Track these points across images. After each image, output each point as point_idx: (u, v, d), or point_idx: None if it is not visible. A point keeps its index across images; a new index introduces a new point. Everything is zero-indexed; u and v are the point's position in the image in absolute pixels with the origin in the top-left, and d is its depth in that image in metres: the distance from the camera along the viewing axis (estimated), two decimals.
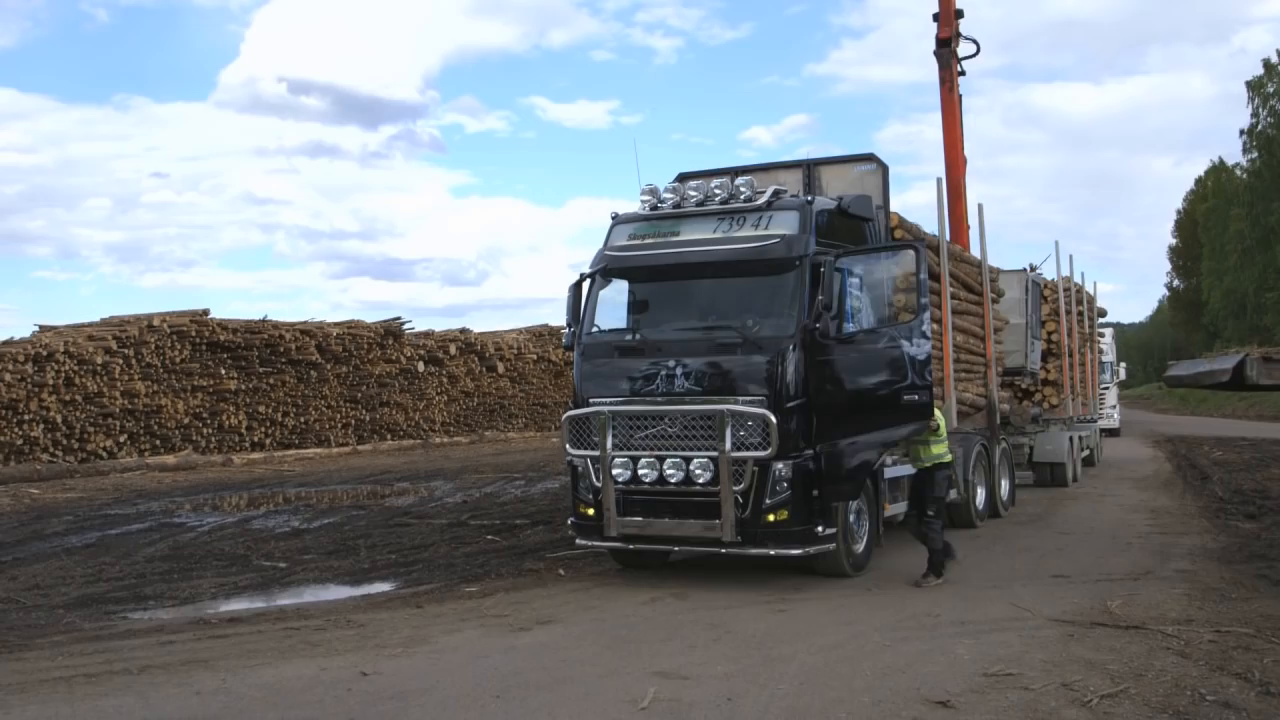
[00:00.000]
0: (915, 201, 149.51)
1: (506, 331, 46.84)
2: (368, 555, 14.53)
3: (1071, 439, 23.14)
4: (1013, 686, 7.77)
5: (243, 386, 33.01)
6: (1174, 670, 8.06)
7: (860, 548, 12.45)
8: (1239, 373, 10.54)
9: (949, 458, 12.49)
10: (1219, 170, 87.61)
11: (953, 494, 15.37)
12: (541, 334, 46.95)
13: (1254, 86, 72.26)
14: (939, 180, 15.89)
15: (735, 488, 11.36)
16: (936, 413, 12.07)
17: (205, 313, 32.46)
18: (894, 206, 14.28)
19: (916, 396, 11.70)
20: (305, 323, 36.33)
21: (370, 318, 39.77)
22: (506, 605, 11.14)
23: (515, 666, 8.67)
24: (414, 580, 12.77)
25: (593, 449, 12.06)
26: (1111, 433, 38.02)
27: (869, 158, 14.21)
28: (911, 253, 12.03)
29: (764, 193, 12.37)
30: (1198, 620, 9.61)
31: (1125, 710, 7.14)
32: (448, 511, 19.27)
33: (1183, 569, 12.30)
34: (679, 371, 11.85)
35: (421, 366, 40.17)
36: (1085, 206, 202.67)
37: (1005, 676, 8.00)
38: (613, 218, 13.13)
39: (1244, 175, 78.29)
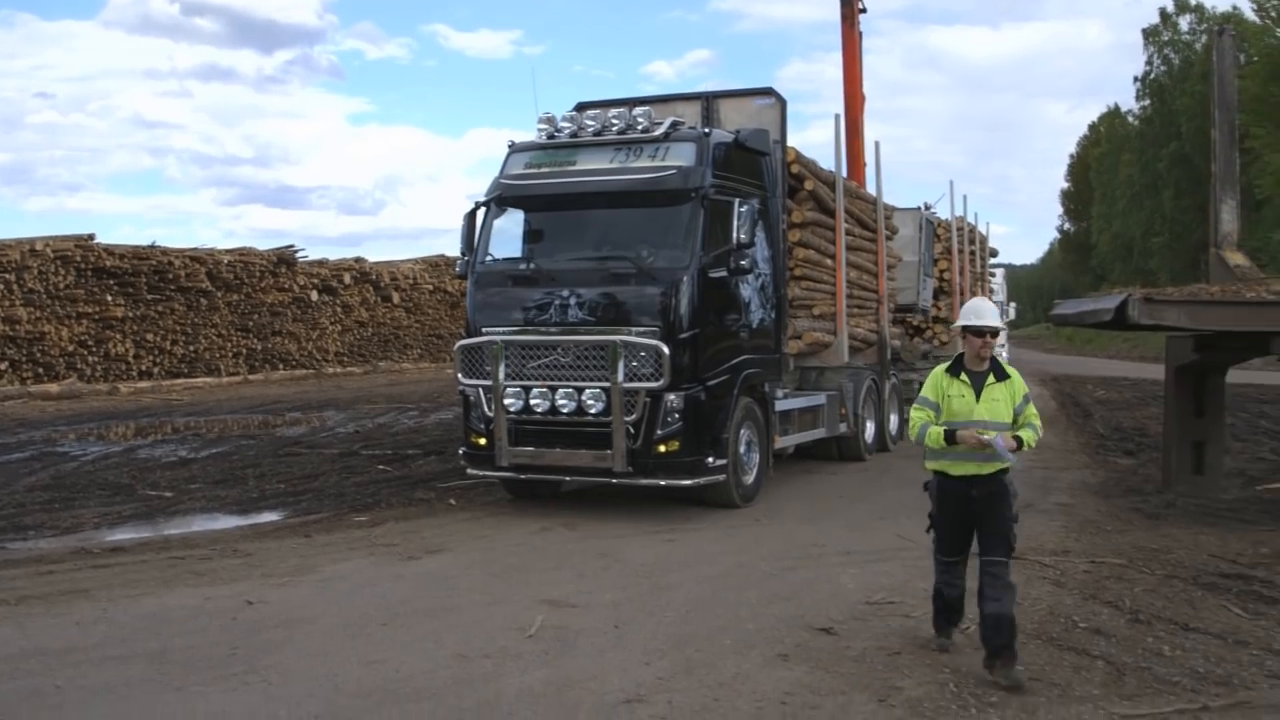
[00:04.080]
0: (815, 139, 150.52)
1: (402, 261, 46.26)
2: (256, 485, 14.34)
3: None
4: (894, 614, 7.94)
5: (130, 314, 32.19)
6: (1049, 599, 8.29)
7: (750, 479, 12.58)
8: (1121, 312, 10.72)
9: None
10: (1112, 116, 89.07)
11: (842, 428, 15.61)
12: (438, 264, 46.43)
13: (1150, 34, 73.66)
14: (837, 117, 15.94)
15: (627, 418, 11.39)
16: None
17: (90, 237, 31.53)
18: (796, 144, 14.36)
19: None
20: (195, 250, 35.51)
21: (263, 246, 39.05)
22: (396, 534, 11.09)
23: (403, 594, 8.64)
24: (303, 510, 12.64)
25: (485, 379, 12.01)
26: None
27: (767, 92, 14.19)
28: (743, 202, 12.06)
29: (661, 124, 12.33)
30: (1074, 551, 9.88)
31: None
32: (339, 441, 19.08)
33: (1062, 503, 12.63)
34: (572, 302, 11.82)
35: (315, 296, 39.57)
36: (981, 149, 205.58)
37: (887, 604, 8.18)
38: (509, 146, 12.99)
39: (1136, 122, 79.84)
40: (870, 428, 17.09)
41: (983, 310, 6.96)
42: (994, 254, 30.94)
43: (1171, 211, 68.96)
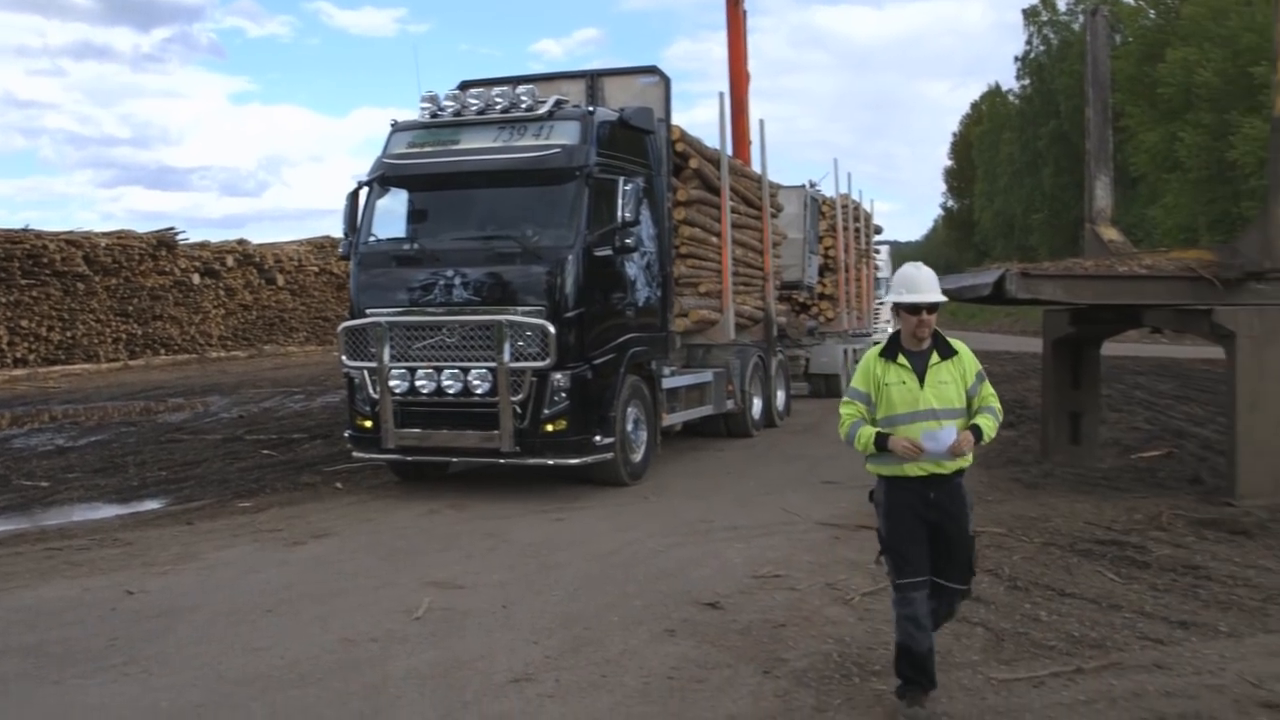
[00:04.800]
0: (703, 118, 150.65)
1: (287, 243, 45.50)
2: (137, 473, 14.05)
3: (846, 351, 23.84)
4: (780, 587, 8.03)
5: (3, 299, 31.26)
6: None
7: (638, 457, 12.63)
8: (999, 287, 10.94)
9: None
10: (993, 95, 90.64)
11: (729, 404, 15.73)
12: (323, 246, 45.71)
13: (1030, 15, 75.19)
14: (721, 95, 16.03)
15: (514, 398, 11.36)
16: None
17: None
18: (682, 123, 14.38)
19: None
20: (71, 233, 34.54)
21: (143, 228, 38.05)
22: (281, 520, 10.94)
23: (288, 580, 8.54)
24: (185, 497, 12.42)
25: (369, 360, 11.88)
26: None
27: (652, 70, 14.19)
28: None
29: (545, 103, 12.28)
30: None
31: (884, 606, 7.36)
32: (223, 427, 18.76)
33: None
34: (457, 282, 11.75)
35: (197, 279, 38.75)
36: (866, 128, 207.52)
37: (773, 578, 8.26)
38: (392, 126, 12.85)
39: (1016, 101, 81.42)
40: (757, 404, 17.25)
41: (918, 281, 5.75)
42: (878, 231, 31.35)
43: (1051, 189, 70.47)
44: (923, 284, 5.75)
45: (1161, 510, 10.16)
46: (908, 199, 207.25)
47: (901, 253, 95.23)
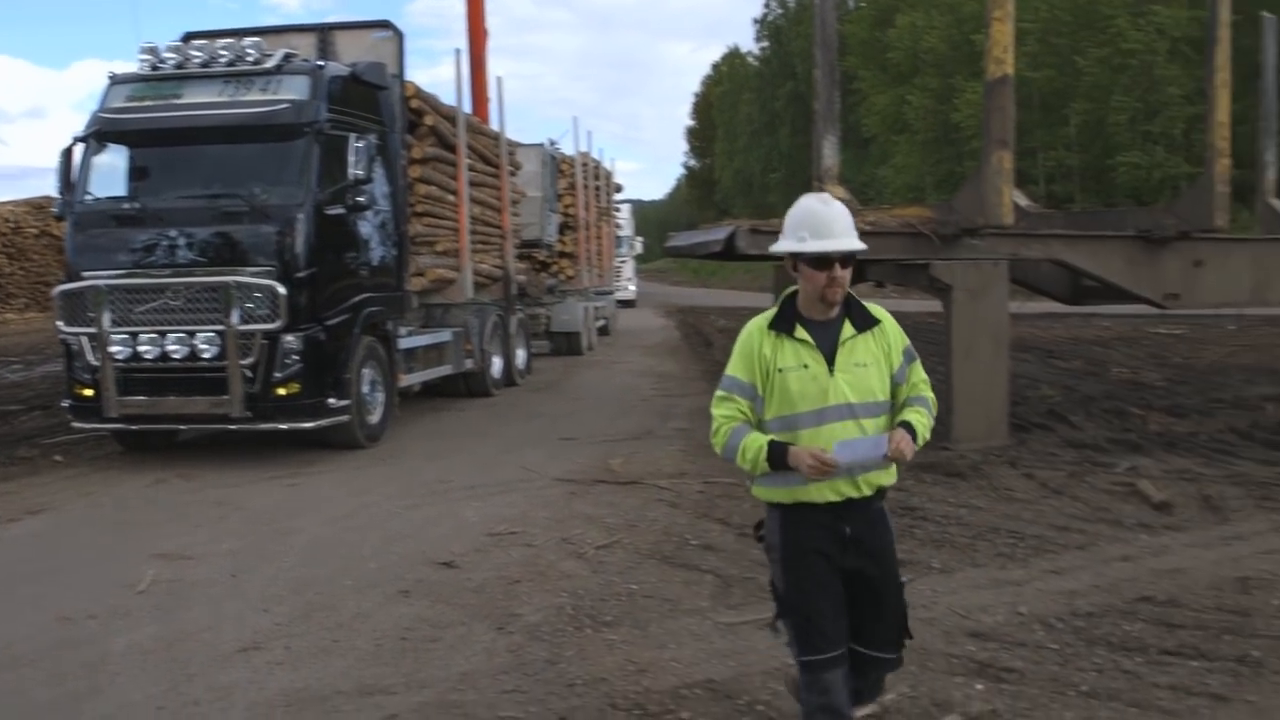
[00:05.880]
0: (446, 76, 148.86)
1: (2, 204, 42.90)
2: None
3: (587, 309, 24.08)
4: (516, 544, 8.07)
5: None
6: (664, 520, 8.64)
7: (375, 419, 12.47)
8: (730, 243, 11.22)
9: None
10: (733, 57, 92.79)
11: (468, 364, 15.68)
12: (43, 206, 43.08)
13: None
14: (458, 52, 15.98)
15: (243, 362, 11.03)
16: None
17: None
18: (424, 81, 14.35)
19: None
20: None
21: None
22: None
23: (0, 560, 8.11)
24: None
25: (88, 326, 11.33)
26: (628, 304, 39.91)
27: (385, 24, 13.94)
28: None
29: (273, 56, 11.90)
30: (689, 474, 10.32)
31: (617, 558, 7.59)
32: None
33: (680, 428, 13.16)
34: (182, 242, 11.32)
35: None
36: (611, 87, 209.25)
37: (509, 535, 8.30)
38: (110, 78, 12.24)
39: (755, 63, 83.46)
40: (497, 363, 17.22)
41: (827, 221, 4.07)
42: (619, 189, 31.71)
43: (788, 148, 72.72)
44: (834, 225, 4.06)
45: None
46: (651, 158, 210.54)
47: (644, 212, 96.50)
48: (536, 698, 5.26)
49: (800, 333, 4.11)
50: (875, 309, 4.25)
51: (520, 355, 18.68)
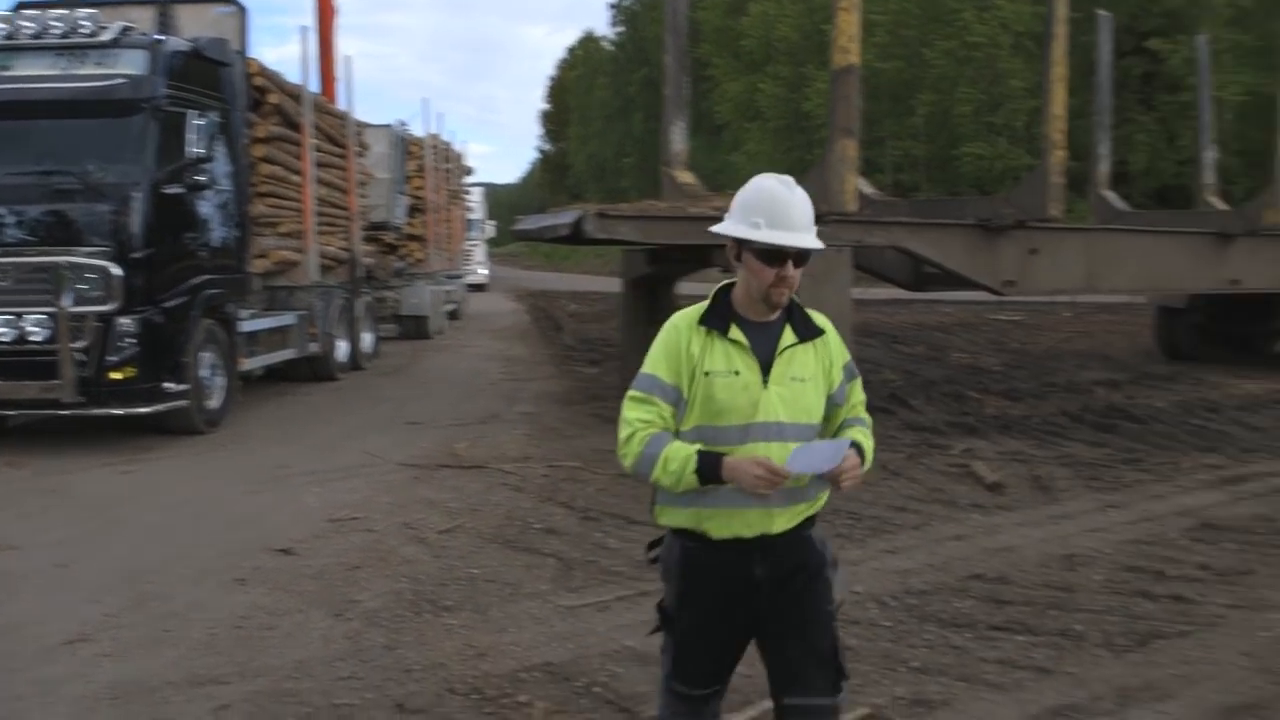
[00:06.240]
0: (292, 54, 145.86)
1: None
2: None
3: (436, 293, 23.89)
4: (356, 529, 7.99)
5: None
6: (508, 504, 8.64)
7: (215, 404, 12.20)
8: (578, 227, 11.24)
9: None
10: (588, 41, 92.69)
11: (313, 347, 15.44)
12: None
13: None
14: (304, 30, 15.71)
15: (75, 345, 10.69)
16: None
17: None
18: (273, 59, 14.05)
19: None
20: None
21: None
22: None
23: None
24: None
25: None
26: (479, 288, 39.68)
27: None
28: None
29: (109, 29, 11.54)
30: (534, 457, 10.34)
31: (460, 543, 7.57)
32: None
33: (527, 412, 13.17)
34: (11, 221, 10.96)
35: None
36: (465, 69, 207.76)
37: (350, 521, 8.21)
38: None
39: (610, 47, 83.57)
40: (343, 347, 16.98)
41: (787, 209, 3.42)
42: (469, 172, 31.45)
43: (641, 134, 72.85)
44: (794, 215, 3.42)
45: None
46: (505, 141, 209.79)
47: (497, 195, 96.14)
48: (373, 684, 5.22)
49: (735, 333, 3.46)
50: (818, 317, 3.63)
51: (367, 339, 18.45)
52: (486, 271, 43.95)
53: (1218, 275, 15.69)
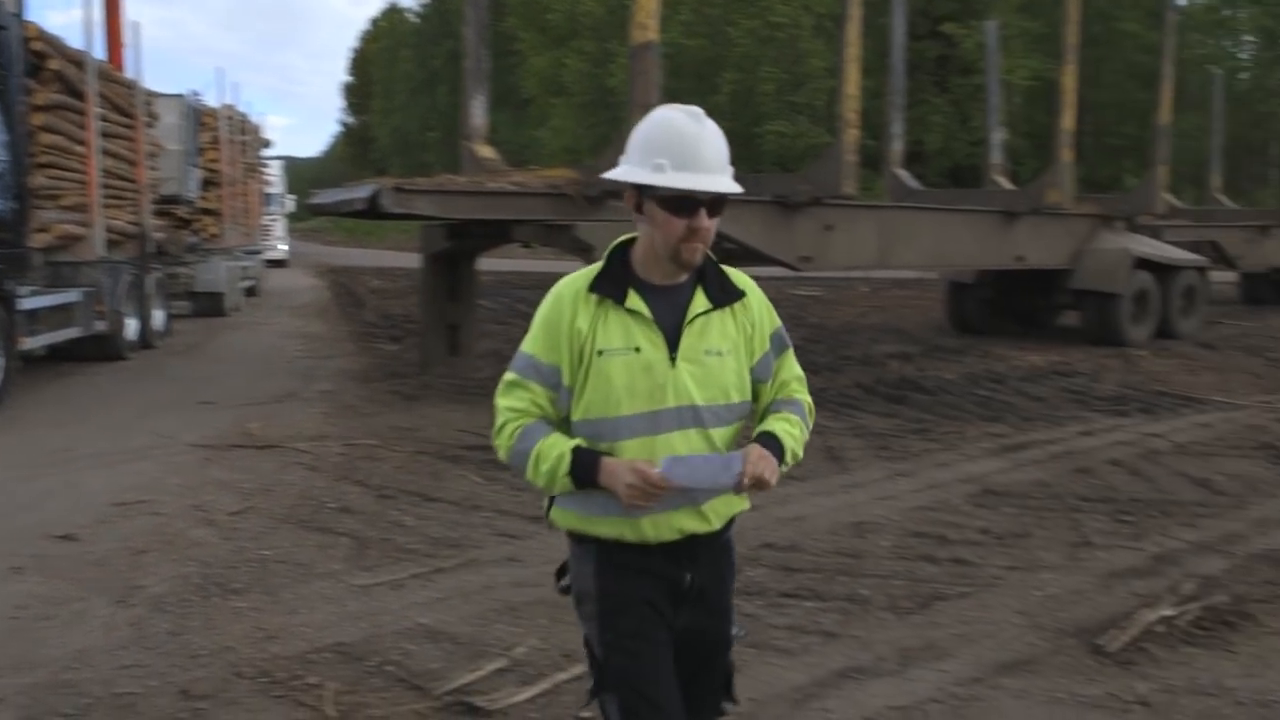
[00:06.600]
0: (78, 19, 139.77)
1: None
2: None
3: (232, 269, 23.24)
4: (143, 513, 7.70)
5: None
6: (302, 483, 8.46)
7: None
8: (374, 201, 11.04)
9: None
10: (393, 12, 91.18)
11: (100, 325, 14.84)
12: None
13: None
14: None
15: None
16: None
17: None
18: (54, 24, 13.54)
19: None
20: None
21: None
22: None
23: None
24: None
25: None
26: (280, 263, 38.76)
27: None
28: None
29: None
30: (331, 436, 10.14)
31: (251, 524, 7.38)
32: None
33: (325, 390, 12.91)
34: None
35: None
36: (264, 38, 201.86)
37: (137, 504, 7.91)
38: None
39: (415, 19, 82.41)
40: (132, 325, 16.32)
41: (699, 148, 2.87)
42: (267, 145, 30.64)
43: (445, 107, 71.96)
44: (706, 153, 2.86)
45: None
46: (307, 114, 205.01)
47: (298, 169, 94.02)
48: (157, 671, 5.06)
49: (634, 301, 2.91)
50: (738, 276, 3.08)
51: (158, 317, 17.77)
52: (286, 247, 42.90)
53: (1004, 252, 16.37)
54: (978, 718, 4.66)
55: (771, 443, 2.99)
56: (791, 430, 3.06)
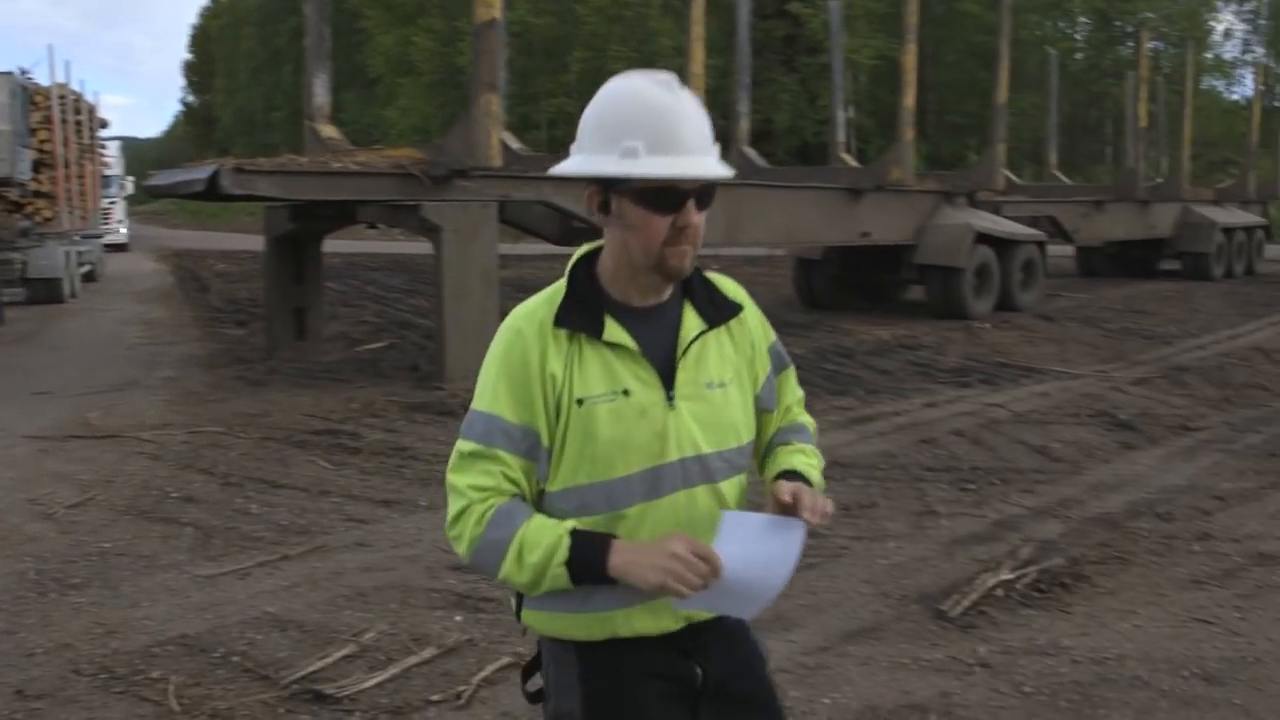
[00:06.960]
0: None
1: None
2: None
3: (69, 253, 22.45)
4: None
5: None
6: (145, 473, 8.23)
7: None
8: (214, 182, 10.77)
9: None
10: None
11: None
12: None
13: None
14: None
15: None
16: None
17: None
18: None
19: None
20: None
21: None
22: None
23: None
24: None
25: None
26: (120, 248, 37.60)
27: None
28: None
29: None
30: (174, 424, 9.88)
31: (90, 517, 7.16)
32: None
33: (168, 377, 12.56)
34: None
35: None
36: (99, 14, 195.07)
37: None
38: None
39: None
40: None
41: (678, 125, 2.16)
42: (104, 125, 29.66)
43: (291, 86, 70.48)
44: (688, 132, 2.19)
45: (376, 398, 10.72)
46: (147, 93, 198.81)
47: (139, 150, 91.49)
48: None
49: (613, 332, 2.25)
50: (726, 284, 2.43)
51: None
52: (127, 230, 41.59)
53: (850, 228, 16.67)
54: (825, 685, 4.74)
55: (793, 478, 2.36)
56: (811, 462, 2.45)
